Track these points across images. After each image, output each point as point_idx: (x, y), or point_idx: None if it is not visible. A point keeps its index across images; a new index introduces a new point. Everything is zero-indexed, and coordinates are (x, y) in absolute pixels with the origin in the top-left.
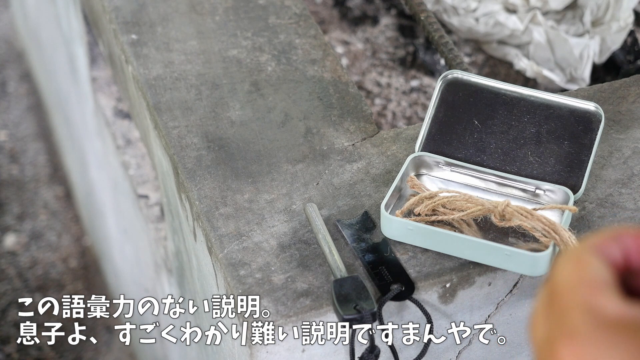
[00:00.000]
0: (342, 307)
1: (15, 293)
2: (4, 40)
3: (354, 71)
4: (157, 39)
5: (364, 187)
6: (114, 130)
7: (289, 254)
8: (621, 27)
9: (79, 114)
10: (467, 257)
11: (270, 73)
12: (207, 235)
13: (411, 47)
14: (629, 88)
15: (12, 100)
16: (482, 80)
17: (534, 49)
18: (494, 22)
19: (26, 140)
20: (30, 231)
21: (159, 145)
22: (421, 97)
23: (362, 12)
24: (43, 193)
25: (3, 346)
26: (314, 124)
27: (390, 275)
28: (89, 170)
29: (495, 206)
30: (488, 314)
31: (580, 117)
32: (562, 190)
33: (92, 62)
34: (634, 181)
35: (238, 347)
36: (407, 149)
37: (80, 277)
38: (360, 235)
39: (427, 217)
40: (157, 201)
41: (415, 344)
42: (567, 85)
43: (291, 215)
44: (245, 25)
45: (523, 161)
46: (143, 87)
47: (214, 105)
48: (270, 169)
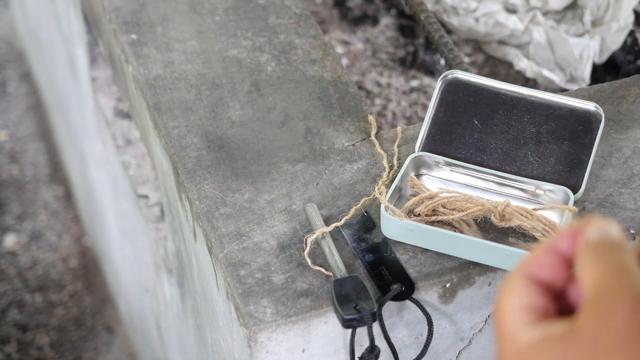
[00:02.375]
0: (342, 307)
1: (15, 293)
2: (4, 40)
3: (354, 71)
4: (157, 39)
5: (364, 187)
6: (114, 130)
7: (289, 254)
8: (621, 27)
9: (79, 114)
10: (467, 257)
11: (270, 73)
12: (207, 235)
13: (411, 47)
14: (629, 88)
15: (12, 100)
16: (482, 80)
17: (534, 49)
18: (494, 22)
19: (26, 140)
20: (30, 231)
21: (159, 145)
22: (421, 97)
23: (362, 12)
24: (43, 193)
25: (3, 346)
26: (314, 124)
27: (390, 275)
28: (89, 170)
29: (495, 206)
30: (488, 314)
31: (580, 117)
32: (562, 190)
33: (92, 62)
34: (634, 181)
35: (238, 347)
36: (407, 149)
37: (80, 277)
38: (360, 235)
39: (427, 217)
40: (157, 201)
41: (415, 344)
42: (567, 85)
43: (291, 215)
44: (245, 25)
45: (523, 161)
46: (143, 87)
47: (214, 105)
48: (270, 169)
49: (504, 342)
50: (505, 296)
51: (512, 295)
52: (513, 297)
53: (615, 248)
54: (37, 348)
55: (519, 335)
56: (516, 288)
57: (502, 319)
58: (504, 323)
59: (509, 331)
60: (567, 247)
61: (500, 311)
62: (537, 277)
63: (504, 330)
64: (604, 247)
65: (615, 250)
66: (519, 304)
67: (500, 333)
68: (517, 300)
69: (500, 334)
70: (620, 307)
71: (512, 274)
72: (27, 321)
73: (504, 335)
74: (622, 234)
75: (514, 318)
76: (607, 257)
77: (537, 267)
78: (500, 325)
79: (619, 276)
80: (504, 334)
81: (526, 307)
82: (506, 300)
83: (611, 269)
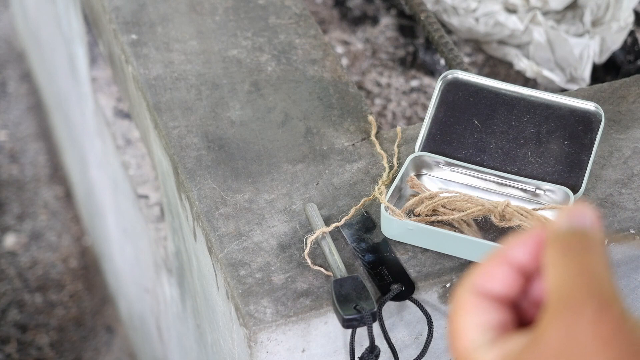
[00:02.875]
0: (342, 307)
1: (15, 293)
2: (4, 40)
3: (354, 71)
4: (157, 39)
5: (364, 187)
6: (114, 130)
7: (289, 254)
8: (621, 27)
9: (79, 114)
10: (467, 257)
11: (270, 73)
12: (207, 235)
13: (411, 47)
14: (629, 88)
15: (12, 100)
16: (482, 80)
17: (534, 49)
18: (494, 22)
19: (26, 140)
20: (30, 231)
21: (159, 145)
22: (421, 97)
23: (362, 12)
24: (43, 193)
25: (3, 346)
26: (314, 124)
27: (390, 275)
28: (89, 170)
29: (495, 206)
30: None
31: (580, 117)
32: (562, 190)
33: (92, 62)
34: (634, 181)
35: (238, 347)
36: (407, 149)
37: (80, 277)
38: (360, 235)
39: (427, 217)
40: (157, 201)
41: (415, 344)
42: (567, 85)
43: (291, 215)
44: (245, 25)
45: (523, 161)
46: (143, 87)
47: (214, 105)
48: (270, 169)
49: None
50: (458, 315)
51: (465, 314)
52: (466, 315)
53: (585, 243)
54: (37, 348)
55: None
56: (468, 306)
57: (457, 340)
58: (460, 345)
59: (467, 354)
60: (521, 256)
61: (454, 331)
62: (490, 292)
63: (461, 353)
64: (572, 242)
65: (584, 247)
66: (473, 322)
67: (457, 356)
68: (471, 319)
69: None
70: (584, 317)
71: (462, 291)
72: (27, 321)
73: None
74: (597, 224)
75: (470, 339)
76: (573, 254)
77: (488, 282)
78: (457, 347)
79: (585, 278)
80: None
81: (482, 324)
82: (460, 320)
83: (577, 269)
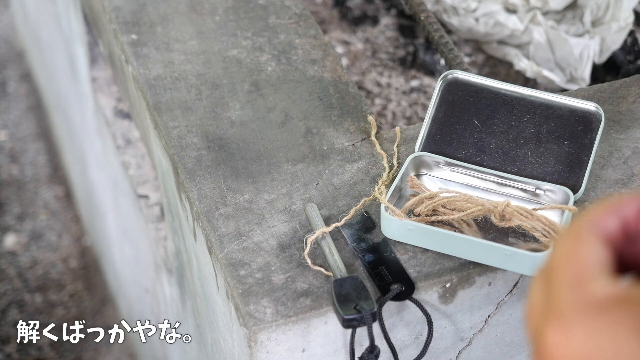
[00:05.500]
0: (342, 307)
1: (15, 293)
2: (4, 40)
3: (354, 71)
4: (157, 39)
5: (364, 187)
6: (114, 130)
7: (289, 254)
8: (621, 27)
9: (79, 114)
10: (467, 257)
11: (270, 73)
12: (207, 235)
13: (411, 47)
14: (629, 88)
15: (12, 100)
16: (482, 80)
17: (534, 49)
18: (494, 22)
19: (26, 140)
20: (30, 231)
21: (159, 145)
22: (421, 97)
23: (362, 12)
24: (43, 193)
25: (3, 346)
26: (314, 124)
27: (390, 275)
28: (89, 170)
29: (495, 206)
30: (488, 314)
31: (580, 117)
32: (562, 190)
33: (92, 62)
34: (634, 181)
35: (238, 347)
36: (407, 149)
37: (80, 277)
38: (360, 235)
39: (427, 217)
40: (157, 201)
41: (415, 344)
42: (567, 85)
43: (291, 215)
44: (245, 25)
45: (523, 161)
46: (143, 87)
47: (214, 105)
48: (270, 169)
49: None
50: (574, 245)
51: (584, 245)
52: (586, 246)
53: None
54: (37, 348)
55: (592, 286)
56: (590, 238)
57: (567, 268)
58: (570, 271)
59: (578, 282)
60: (631, 214)
61: (563, 258)
62: (607, 234)
63: (569, 280)
64: None
65: None
66: (593, 253)
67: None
68: (591, 250)
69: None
70: None
71: (581, 227)
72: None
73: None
74: None
75: (587, 268)
76: None
77: (606, 225)
78: (564, 273)
79: None
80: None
81: (601, 258)
82: (577, 249)
83: None
